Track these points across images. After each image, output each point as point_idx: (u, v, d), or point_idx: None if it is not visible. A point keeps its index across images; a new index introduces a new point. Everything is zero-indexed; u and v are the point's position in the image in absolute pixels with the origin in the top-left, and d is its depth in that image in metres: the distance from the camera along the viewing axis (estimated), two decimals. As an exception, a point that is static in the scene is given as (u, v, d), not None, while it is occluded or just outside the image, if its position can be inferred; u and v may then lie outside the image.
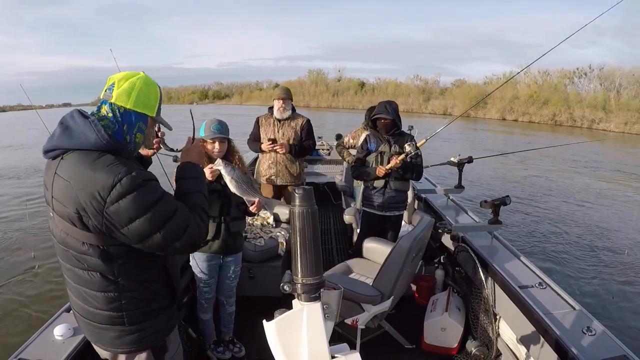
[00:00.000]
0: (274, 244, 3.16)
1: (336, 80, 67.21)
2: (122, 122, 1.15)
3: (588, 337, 1.78)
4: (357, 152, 3.07)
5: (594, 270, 5.16)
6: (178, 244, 1.13)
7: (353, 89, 61.91)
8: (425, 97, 51.23)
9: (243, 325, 2.76)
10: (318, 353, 0.90)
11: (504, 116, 39.27)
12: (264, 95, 70.48)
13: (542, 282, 2.27)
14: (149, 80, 1.22)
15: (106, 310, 1.16)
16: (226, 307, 2.44)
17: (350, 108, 54.14)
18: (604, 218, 7.44)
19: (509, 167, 11.85)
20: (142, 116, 1.19)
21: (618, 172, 12.32)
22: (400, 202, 3.02)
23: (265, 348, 0.91)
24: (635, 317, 4.08)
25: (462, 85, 51.96)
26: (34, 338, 1.68)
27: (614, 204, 8.49)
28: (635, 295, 4.54)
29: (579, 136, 26.49)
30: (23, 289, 4.49)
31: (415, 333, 2.66)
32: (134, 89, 1.16)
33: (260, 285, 3.11)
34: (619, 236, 6.47)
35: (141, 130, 1.20)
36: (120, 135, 1.15)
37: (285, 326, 0.92)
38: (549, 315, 1.93)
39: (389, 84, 59.72)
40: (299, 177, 3.61)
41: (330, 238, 4.55)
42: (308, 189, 0.96)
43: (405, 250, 2.19)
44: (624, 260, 5.51)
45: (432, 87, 55.78)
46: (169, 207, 1.11)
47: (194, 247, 1.21)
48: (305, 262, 0.92)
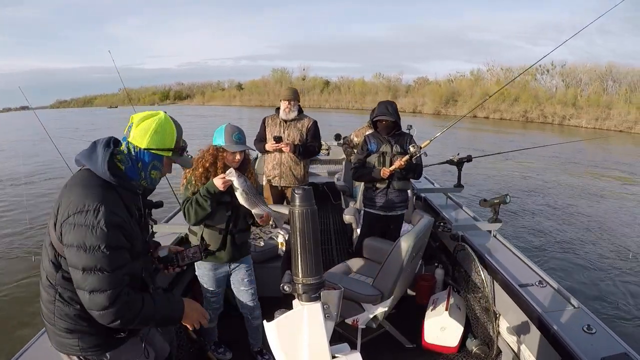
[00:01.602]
0: (274, 245, 3.16)
1: (301, 79, 66.17)
2: (137, 160, 1.25)
3: (588, 335, 1.78)
4: (357, 153, 3.04)
5: (594, 268, 5.17)
6: (87, 297, 1.13)
7: (318, 88, 61.11)
8: (392, 95, 51.02)
9: (243, 326, 2.76)
10: (318, 353, 0.90)
11: (474, 113, 39.58)
12: (226, 95, 69.65)
13: (542, 280, 2.27)
14: (165, 122, 1.28)
15: (45, 304, 1.26)
16: (251, 321, 2.32)
17: (316, 107, 52.97)
18: (604, 216, 7.45)
19: (508, 166, 11.86)
20: (156, 156, 1.27)
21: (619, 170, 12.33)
22: (403, 201, 3.02)
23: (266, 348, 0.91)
24: (635, 315, 4.08)
25: (424, 82, 52.61)
26: (31, 343, 1.67)
27: (613, 202, 8.51)
28: (635, 293, 4.55)
29: (550, 132, 26.91)
30: (22, 294, 4.48)
31: (415, 332, 2.66)
32: (149, 131, 1.24)
33: (260, 286, 3.09)
34: (619, 234, 6.48)
35: (156, 168, 1.29)
36: (134, 171, 1.25)
37: (285, 326, 0.92)
38: (549, 314, 1.94)
39: (356, 82, 59.30)
40: (303, 179, 3.59)
41: (330, 238, 4.55)
42: (307, 189, 0.96)
43: (405, 250, 2.19)
44: (624, 258, 5.52)
45: (395, 84, 56.21)
46: (107, 261, 1.12)
47: (98, 316, 1.16)
48: (305, 262, 0.92)
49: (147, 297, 1.23)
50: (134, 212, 1.28)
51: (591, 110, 33.66)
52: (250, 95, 65.66)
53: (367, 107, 49.15)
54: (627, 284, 4.77)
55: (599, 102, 33.56)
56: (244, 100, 64.76)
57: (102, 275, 1.12)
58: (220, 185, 1.91)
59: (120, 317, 1.16)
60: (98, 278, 1.12)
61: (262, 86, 66.12)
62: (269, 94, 62.45)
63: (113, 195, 1.18)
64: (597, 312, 2.04)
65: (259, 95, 64.26)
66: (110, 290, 1.13)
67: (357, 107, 50.42)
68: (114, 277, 1.14)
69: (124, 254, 1.18)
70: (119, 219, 1.15)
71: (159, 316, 1.25)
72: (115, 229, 1.13)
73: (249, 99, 64.61)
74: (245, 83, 71.70)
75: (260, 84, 67.45)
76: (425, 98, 42.99)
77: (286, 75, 68.01)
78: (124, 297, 1.15)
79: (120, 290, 1.15)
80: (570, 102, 35.26)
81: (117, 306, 1.14)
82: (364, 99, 52.71)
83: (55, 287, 1.22)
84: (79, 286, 1.14)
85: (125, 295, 1.16)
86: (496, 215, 2.89)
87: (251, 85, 68.83)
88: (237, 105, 61.22)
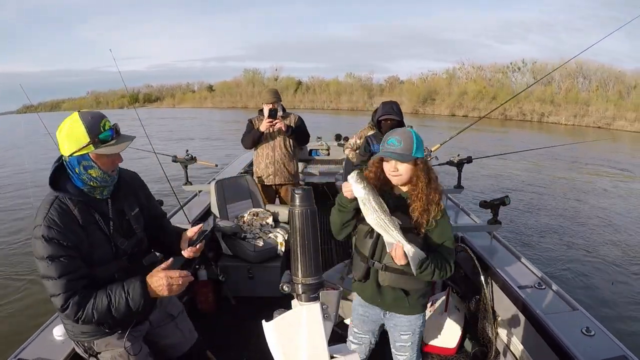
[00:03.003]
0: (273, 244, 3.16)
1: (273, 79, 64.71)
2: (72, 169, 1.31)
3: (587, 338, 1.78)
4: (360, 155, 3.01)
5: (593, 270, 5.16)
6: (52, 300, 1.27)
7: (292, 88, 59.69)
8: (368, 94, 50.92)
9: (242, 326, 2.77)
10: (317, 353, 0.90)
11: (453, 112, 39.63)
12: (197, 97, 67.60)
13: (541, 282, 2.27)
14: (71, 122, 1.28)
15: None
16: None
17: (291, 108, 52.04)
18: (604, 217, 7.44)
19: (507, 167, 11.86)
20: (80, 157, 1.29)
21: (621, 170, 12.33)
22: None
23: (265, 348, 0.91)
24: (634, 318, 4.08)
25: (396, 81, 52.75)
26: (34, 338, 1.69)
27: (614, 203, 8.50)
28: (634, 296, 4.55)
29: (529, 129, 27.14)
30: (23, 289, 4.49)
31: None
32: (63, 139, 1.28)
33: (259, 286, 3.11)
34: (619, 236, 6.47)
35: (90, 167, 1.30)
36: (77, 178, 1.31)
37: (284, 326, 0.92)
38: (548, 316, 1.94)
39: (330, 82, 58.46)
40: (296, 175, 3.64)
41: (330, 238, 4.54)
42: (307, 189, 0.96)
43: (404, 251, 2.19)
44: (624, 260, 5.52)
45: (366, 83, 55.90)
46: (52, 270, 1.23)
47: (61, 316, 1.34)
48: (305, 262, 0.92)
49: (101, 294, 1.28)
50: (94, 219, 1.33)
51: (569, 107, 34.02)
52: (222, 96, 63.98)
53: (343, 107, 48.97)
54: (627, 287, 4.77)
55: (577, 99, 33.92)
56: (216, 102, 63.11)
57: (51, 282, 1.24)
58: (346, 193, 1.49)
59: (78, 317, 1.27)
60: (50, 284, 1.25)
61: (234, 87, 64.35)
62: (241, 95, 61.44)
63: (60, 209, 1.26)
64: (596, 314, 2.04)
65: (231, 96, 62.62)
66: (60, 294, 1.24)
67: (332, 107, 49.85)
68: (61, 283, 1.24)
69: (72, 261, 1.26)
70: (55, 232, 1.23)
71: (121, 307, 1.29)
72: (51, 241, 1.23)
73: (220, 101, 62.90)
74: (216, 84, 69.46)
75: (232, 85, 65.51)
76: (402, 97, 42.82)
77: (258, 76, 66.27)
78: (76, 299, 1.25)
79: (70, 294, 1.25)
80: (548, 100, 35.57)
81: (71, 308, 1.25)
82: (340, 99, 52.36)
83: None
84: (49, 294, 1.28)
85: (78, 297, 1.26)
86: (496, 216, 2.89)
87: (222, 87, 66.94)
88: (208, 107, 59.53)
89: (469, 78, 44.75)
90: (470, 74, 45.58)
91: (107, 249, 1.36)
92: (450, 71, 47.53)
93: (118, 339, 1.46)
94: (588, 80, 37.87)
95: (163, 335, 1.64)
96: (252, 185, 3.54)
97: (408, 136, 1.52)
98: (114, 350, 1.46)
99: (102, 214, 1.36)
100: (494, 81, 43.33)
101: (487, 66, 45.26)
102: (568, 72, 37.50)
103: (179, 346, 1.68)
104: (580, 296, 4.30)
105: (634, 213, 7.84)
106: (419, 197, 1.52)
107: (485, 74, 45.14)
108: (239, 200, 3.48)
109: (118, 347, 1.46)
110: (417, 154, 1.52)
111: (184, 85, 75.19)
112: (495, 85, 41.72)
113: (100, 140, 1.28)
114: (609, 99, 33.50)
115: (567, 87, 36.49)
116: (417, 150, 1.52)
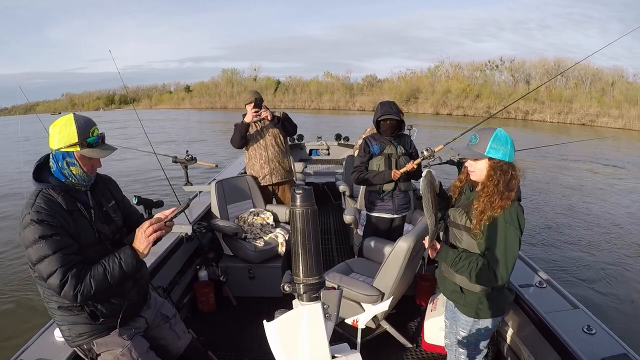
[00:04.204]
0: (274, 245, 3.16)
1: (252, 79, 65.03)
2: (56, 162, 1.41)
3: (588, 336, 1.78)
4: (359, 156, 2.96)
5: (594, 269, 5.17)
6: (49, 284, 1.31)
7: (272, 88, 60.02)
8: (349, 94, 51.42)
9: (243, 326, 2.77)
10: (318, 353, 0.90)
11: (437, 110, 39.65)
12: (175, 98, 67.58)
13: (542, 280, 2.27)
14: (67, 121, 1.40)
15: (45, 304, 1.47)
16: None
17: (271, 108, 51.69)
18: (605, 215, 7.44)
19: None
20: (66, 153, 1.40)
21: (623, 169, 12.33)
22: (408, 202, 3.00)
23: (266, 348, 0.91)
24: (635, 316, 4.08)
25: (374, 80, 53.49)
26: (35, 339, 1.69)
27: (614, 201, 8.50)
28: (636, 294, 4.55)
29: (513, 127, 27.21)
30: (24, 291, 4.50)
31: (415, 332, 2.67)
32: (55, 134, 1.39)
33: (261, 286, 3.11)
34: (620, 233, 6.47)
35: (72, 164, 1.41)
36: (58, 172, 1.42)
37: (285, 326, 0.92)
38: (549, 314, 1.94)
39: (311, 82, 58.91)
40: (291, 172, 3.66)
41: (330, 238, 4.55)
42: (308, 189, 0.96)
43: (405, 250, 2.19)
44: (624, 258, 5.52)
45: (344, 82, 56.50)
46: (47, 248, 1.29)
47: (63, 296, 1.33)
48: (306, 262, 0.92)
49: (95, 266, 1.36)
50: (77, 206, 1.43)
51: (553, 105, 34.47)
52: (201, 97, 63.85)
53: (325, 106, 48.73)
54: (628, 285, 4.77)
55: (561, 97, 34.18)
56: (194, 102, 63.03)
57: (47, 260, 1.29)
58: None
59: (77, 291, 1.31)
60: (45, 264, 1.29)
61: (213, 88, 64.29)
62: (220, 96, 61.29)
63: (46, 198, 1.36)
64: (597, 312, 2.04)
65: (210, 97, 62.73)
66: (58, 269, 1.29)
67: (314, 106, 49.75)
68: (58, 257, 1.30)
69: (64, 239, 1.33)
70: (45, 214, 1.31)
71: (116, 272, 1.36)
72: (42, 223, 1.30)
73: (199, 101, 62.84)
74: (194, 85, 69.53)
75: (210, 85, 65.52)
76: (385, 96, 42.95)
77: (237, 76, 66.46)
78: (74, 271, 1.31)
79: (67, 267, 1.31)
80: (532, 97, 35.84)
81: (70, 281, 1.30)
82: (321, 99, 52.48)
83: (39, 286, 1.44)
84: (42, 279, 1.33)
85: (75, 269, 1.32)
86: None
87: (200, 87, 66.92)
88: (187, 107, 59.15)
89: (448, 76, 45.32)
90: (448, 72, 46.28)
91: (91, 233, 1.45)
92: (432, 69, 47.97)
93: (116, 339, 1.49)
94: (565, 78, 38.23)
95: (159, 337, 1.71)
96: (252, 186, 3.54)
97: (487, 134, 1.53)
98: (115, 350, 1.49)
99: (83, 202, 1.47)
100: (472, 79, 43.66)
101: (465, 64, 46.10)
102: (546, 69, 37.77)
103: (175, 347, 1.76)
104: (581, 294, 4.30)
105: (631, 209, 7.85)
106: (481, 198, 1.53)
107: (463, 72, 45.76)
108: (240, 201, 3.48)
109: (118, 347, 1.49)
110: (490, 153, 1.52)
111: (160, 86, 74.98)
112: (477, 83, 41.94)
113: (87, 143, 1.41)
114: (592, 96, 33.77)
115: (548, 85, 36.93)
116: (492, 150, 1.52)
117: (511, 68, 43.30)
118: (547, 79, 37.52)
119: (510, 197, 1.52)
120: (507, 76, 43.30)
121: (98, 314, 1.45)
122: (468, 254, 1.58)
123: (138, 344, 1.54)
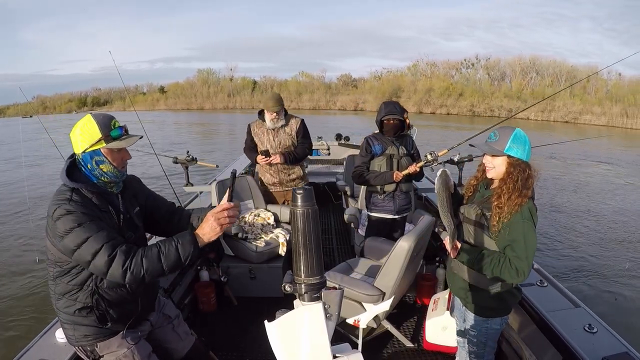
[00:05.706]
0: (275, 245, 3.16)
1: (228, 79, 64.48)
2: (85, 164, 1.38)
3: (589, 335, 1.78)
4: (361, 156, 2.95)
5: (595, 268, 5.16)
6: (95, 266, 1.27)
7: (249, 88, 59.60)
8: (330, 93, 51.20)
9: (244, 326, 2.77)
10: (320, 353, 0.90)
11: (420, 109, 39.56)
12: (149, 99, 65.90)
13: (542, 279, 2.27)
14: (85, 120, 1.38)
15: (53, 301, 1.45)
16: None
17: (249, 108, 50.14)
18: (605, 214, 7.44)
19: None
20: (93, 153, 1.37)
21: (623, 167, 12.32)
22: (409, 203, 3.01)
23: (267, 348, 0.91)
24: (637, 315, 4.08)
25: (348, 79, 53.59)
26: (36, 340, 1.69)
27: (615, 199, 8.49)
28: (636, 292, 4.54)
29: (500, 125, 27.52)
30: (26, 292, 4.50)
31: (416, 332, 2.67)
32: (77, 137, 1.37)
33: (261, 286, 3.11)
34: (620, 232, 6.47)
35: (101, 162, 1.38)
36: (90, 173, 1.39)
37: (286, 326, 0.92)
38: (550, 313, 1.94)
39: (290, 82, 58.59)
40: (304, 177, 3.58)
41: (331, 238, 4.55)
42: (308, 188, 0.96)
43: (406, 250, 2.19)
44: (625, 257, 5.51)
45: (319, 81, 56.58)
46: (88, 230, 1.26)
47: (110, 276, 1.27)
48: (307, 262, 0.92)
49: (149, 246, 1.30)
50: (108, 209, 1.40)
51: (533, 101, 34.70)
52: (176, 98, 62.78)
53: (305, 106, 48.39)
54: (628, 283, 4.76)
55: (544, 95, 34.47)
56: (169, 103, 61.86)
57: (90, 240, 1.25)
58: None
59: (126, 267, 1.25)
60: (88, 244, 1.25)
61: (188, 88, 63.41)
62: (196, 96, 60.34)
63: (80, 196, 1.32)
64: (598, 311, 2.04)
65: (185, 97, 61.80)
66: (104, 245, 1.25)
67: (293, 106, 49.16)
68: (102, 235, 1.26)
69: (102, 223, 1.30)
70: (79, 205, 1.29)
71: (171, 255, 1.29)
72: (76, 212, 1.27)
73: (174, 102, 61.71)
74: (168, 86, 68.22)
75: (185, 86, 64.53)
76: (367, 95, 42.49)
77: (213, 76, 65.76)
78: (123, 247, 1.27)
79: (115, 242, 1.27)
80: (516, 95, 35.91)
81: (119, 256, 1.25)
82: (300, 98, 52.04)
83: (51, 283, 1.42)
84: (86, 264, 1.28)
85: (125, 246, 1.27)
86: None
87: (175, 88, 65.84)
88: (162, 109, 57.84)
89: (426, 75, 45.42)
90: (425, 70, 46.45)
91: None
92: (411, 68, 48.13)
93: (120, 342, 1.48)
94: (540, 76, 38.36)
95: (162, 339, 1.69)
96: (253, 186, 3.54)
97: (507, 132, 1.56)
98: (117, 352, 1.48)
99: (114, 206, 1.44)
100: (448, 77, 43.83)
101: (440, 62, 46.27)
102: (522, 67, 37.92)
103: (178, 349, 1.73)
104: (582, 293, 4.30)
105: (633, 207, 7.84)
106: (498, 196, 1.55)
107: (439, 70, 45.82)
108: (240, 201, 3.48)
109: (121, 349, 1.48)
110: (509, 151, 1.55)
111: (132, 87, 73.53)
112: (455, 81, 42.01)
113: (112, 137, 1.37)
114: (575, 94, 33.92)
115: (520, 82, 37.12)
116: (512, 148, 1.54)
117: (487, 66, 43.57)
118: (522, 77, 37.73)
119: (527, 194, 1.54)
120: (483, 74, 43.63)
121: (108, 318, 1.44)
122: (489, 252, 1.59)
123: (141, 347, 1.53)
